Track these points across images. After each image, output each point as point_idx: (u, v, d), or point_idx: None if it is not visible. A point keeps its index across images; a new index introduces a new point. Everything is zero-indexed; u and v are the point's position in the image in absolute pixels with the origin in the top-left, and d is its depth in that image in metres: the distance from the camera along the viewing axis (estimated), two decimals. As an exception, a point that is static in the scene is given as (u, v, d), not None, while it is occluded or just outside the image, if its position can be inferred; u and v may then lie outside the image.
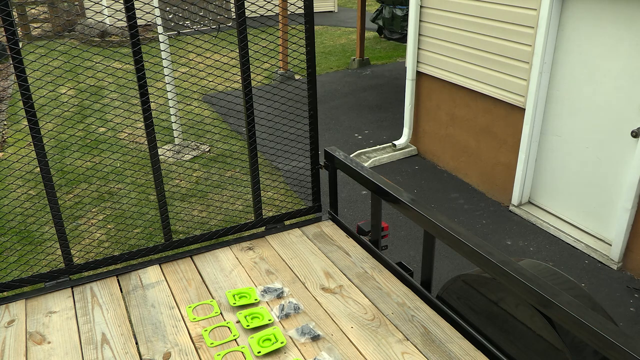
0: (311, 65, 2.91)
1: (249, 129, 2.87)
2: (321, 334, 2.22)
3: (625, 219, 3.80)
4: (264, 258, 2.79)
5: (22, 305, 2.45)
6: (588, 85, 3.99)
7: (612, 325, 1.73)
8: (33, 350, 2.18)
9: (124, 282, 2.61)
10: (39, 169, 2.44)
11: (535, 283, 1.88)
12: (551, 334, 1.94)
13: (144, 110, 2.59)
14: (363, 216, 4.64)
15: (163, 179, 2.78)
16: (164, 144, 6.09)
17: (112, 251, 3.90)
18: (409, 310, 2.38)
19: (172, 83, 5.65)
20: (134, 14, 2.40)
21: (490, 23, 4.57)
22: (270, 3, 2.88)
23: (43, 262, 3.57)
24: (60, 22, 11.26)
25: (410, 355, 2.12)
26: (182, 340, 2.21)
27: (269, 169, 5.53)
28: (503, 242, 4.32)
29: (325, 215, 3.20)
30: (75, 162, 5.33)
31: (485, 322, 2.23)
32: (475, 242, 2.13)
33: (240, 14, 2.64)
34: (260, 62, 2.98)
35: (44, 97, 3.31)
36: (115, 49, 9.95)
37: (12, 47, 2.20)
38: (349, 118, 7.23)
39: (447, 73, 5.26)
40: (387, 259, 2.71)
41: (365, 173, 2.79)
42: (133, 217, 4.42)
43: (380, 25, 10.08)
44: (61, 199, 4.70)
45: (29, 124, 2.35)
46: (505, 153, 4.81)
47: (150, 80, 2.61)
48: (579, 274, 3.88)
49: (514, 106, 4.57)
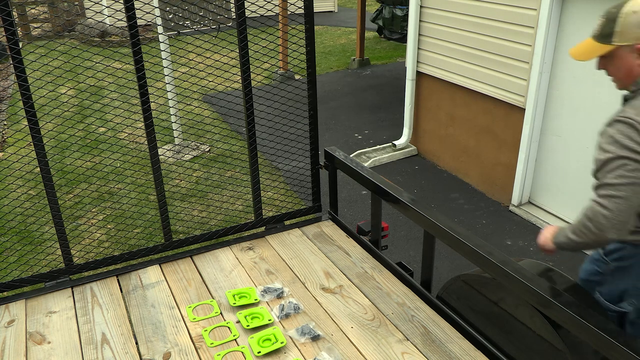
0: (311, 65, 2.91)
1: (249, 129, 2.87)
2: (321, 334, 2.22)
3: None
4: (264, 258, 2.79)
5: (22, 305, 2.45)
6: (588, 85, 3.99)
7: (612, 325, 1.74)
8: (33, 350, 2.18)
9: (124, 282, 2.61)
10: (39, 169, 2.44)
11: (535, 283, 1.88)
12: (551, 334, 1.94)
13: (144, 110, 2.59)
14: (363, 216, 4.64)
15: (163, 179, 2.78)
16: (164, 144, 6.09)
17: (112, 251, 3.89)
18: (409, 310, 2.38)
19: (172, 83, 5.65)
20: (134, 14, 2.40)
21: (490, 23, 4.57)
22: (270, 3, 2.88)
23: (43, 262, 3.56)
24: (60, 22, 11.26)
25: (410, 355, 2.12)
26: (182, 340, 2.21)
27: (269, 169, 5.53)
28: (503, 242, 4.31)
29: (325, 215, 3.20)
30: (75, 162, 5.33)
31: (485, 322, 2.23)
32: (475, 242, 2.13)
33: (240, 14, 2.63)
34: (260, 62, 2.98)
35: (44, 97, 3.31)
36: (115, 49, 9.95)
37: (12, 47, 2.20)
38: (349, 118, 7.23)
39: (447, 73, 5.26)
40: (387, 259, 2.71)
41: (365, 173, 2.78)
42: (133, 217, 4.42)
43: (380, 25, 10.07)
44: (61, 199, 4.69)
45: (29, 124, 2.35)
46: (505, 153, 4.81)
47: (150, 80, 2.61)
48: (578, 273, 3.87)
49: (514, 106, 4.57)
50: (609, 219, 1.80)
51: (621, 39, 1.84)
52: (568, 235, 1.99)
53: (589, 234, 1.87)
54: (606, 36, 1.87)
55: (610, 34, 1.85)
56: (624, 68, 1.90)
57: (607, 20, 1.87)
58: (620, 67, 1.90)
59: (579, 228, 1.92)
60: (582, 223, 1.89)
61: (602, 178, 1.85)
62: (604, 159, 1.85)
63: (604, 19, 1.88)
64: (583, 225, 1.89)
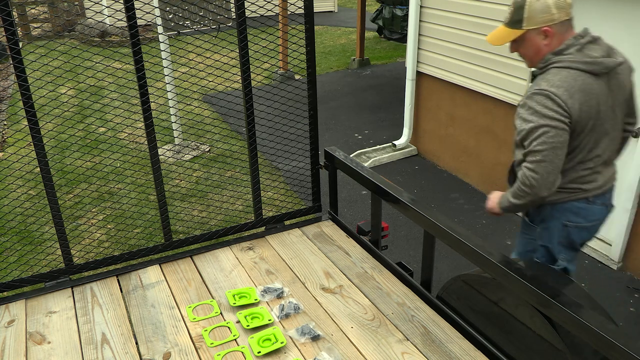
0: (311, 65, 2.91)
1: (249, 129, 2.87)
2: (321, 334, 2.22)
3: (625, 219, 3.80)
4: (264, 258, 2.79)
5: (22, 305, 2.45)
6: (588, 85, 3.99)
7: (612, 325, 1.74)
8: (33, 350, 2.18)
9: (124, 282, 2.61)
10: (39, 169, 2.44)
11: (535, 283, 1.88)
12: (551, 334, 1.94)
13: (144, 110, 2.59)
14: (363, 216, 4.64)
15: (163, 179, 2.78)
16: (164, 144, 6.09)
17: (112, 251, 3.89)
18: (409, 310, 2.38)
19: (172, 83, 5.65)
20: (134, 14, 2.40)
21: (490, 23, 4.57)
22: (270, 3, 2.88)
23: (43, 262, 3.56)
24: (60, 22, 11.26)
25: (410, 355, 2.12)
26: (182, 340, 2.21)
27: (269, 169, 5.53)
28: (503, 242, 4.31)
29: (325, 215, 3.20)
30: (75, 162, 5.33)
31: (485, 322, 2.23)
32: (475, 242, 2.13)
33: (240, 14, 2.63)
34: (260, 62, 2.98)
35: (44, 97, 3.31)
36: (115, 49, 9.95)
37: (12, 47, 2.20)
38: (349, 118, 7.23)
39: (447, 73, 5.26)
40: (387, 259, 2.71)
41: (365, 173, 2.78)
42: (133, 217, 4.42)
43: (380, 25, 10.07)
44: (61, 199, 4.69)
45: (29, 124, 2.35)
46: (506, 153, 4.81)
47: (150, 80, 2.61)
48: (578, 274, 3.88)
49: (514, 106, 4.57)
50: (540, 181, 2.13)
51: (529, 23, 2.13)
52: (510, 199, 2.30)
53: (526, 196, 2.20)
54: (516, 22, 2.15)
55: (520, 20, 2.13)
56: (533, 49, 2.20)
57: (516, 9, 2.14)
58: (530, 48, 2.20)
59: (517, 192, 2.24)
60: (520, 188, 2.21)
61: (529, 146, 2.14)
62: (528, 129, 2.13)
63: (513, 8, 2.15)
64: (520, 189, 2.21)
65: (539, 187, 2.14)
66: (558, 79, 2.12)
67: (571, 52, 2.16)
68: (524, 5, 2.12)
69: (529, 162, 2.15)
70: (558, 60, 2.16)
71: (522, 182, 2.19)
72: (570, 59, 2.14)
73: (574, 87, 2.11)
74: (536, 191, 2.15)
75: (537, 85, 2.15)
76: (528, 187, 2.17)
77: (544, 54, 2.20)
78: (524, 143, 2.17)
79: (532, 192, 2.17)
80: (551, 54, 2.18)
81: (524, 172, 2.18)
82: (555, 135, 2.09)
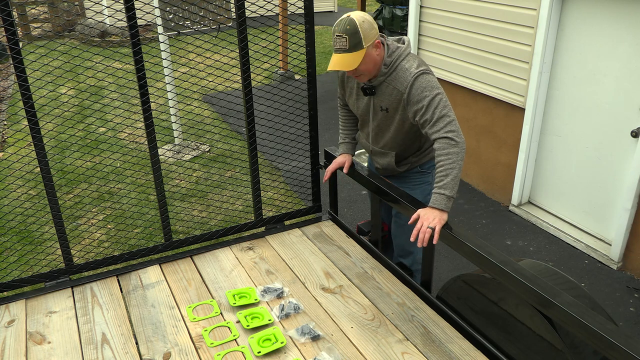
0: (311, 65, 2.91)
1: (249, 129, 2.87)
2: (321, 334, 2.22)
3: (625, 219, 3.80)
4: (264, 258, 2.79)
5: (22, 305, 2.45)
6: (588, 85, 3.99)
7: (612, 325, 1.74)
8: (33, 350, 2.18)
9: (124, 282, 2.61)
10: (39, 169, 2.45)
11: (535, 283, 1.88)
12: (551, 334, 1.94)
13: (144, 110, 2.59)
14: (363, 216, 4.64)
15: (163, 179, 2.78)
16: (164, 144, 6.09)
17: (112, 251, 3.90)
18: (409, 310, 2.38)
19: (172, 83, 5.65)
20: (134, 14, 2.40)
21: (490, 23, 4.57)
22: (270, 3, 2.89)
23: (43, 262, 3.57)
24: (60, 22, 11.26)
25: (410, 355, 2.12)
26: (182, 340, 2.21)
27: (269, 169, 5.53)
28: (503, 242, 4.32)
29: (325, 215, 3.20)
30: (75, 162, 5.33)
31: (485, 322, 2.23)
32: (475, 242, 2.13)
33: (240, 14, 2.64)
34: (260, 62, 2.98)
35: (44, 97, 3.31)
36: (115, 49, 9.94)
37: (12, 47, 2.20)
38: (349, 118, 7.22)
39: (447, 73, 5.25)
40: (387, 259, 2.71)
41: (365, 173, 2.79)
42: (133, 217, 4.42)
43: (380, 25, 10.06)
44: (61, 199, 4.70)
45: (29, 124, 2.36)
46: (505, 153, 4.81)
47: (150, 80, 2.61)
48: (578, 273, 3.88)
49: (514, 106, 4.57)
50: (462, 139, 2.34)
51: (367, 41, 2.36)
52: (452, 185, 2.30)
53: (461, 163, 2.32)
54: (356, 45, 2.35)
55: (359, 42, 2.34)
56: (372, 62, 2.43)
57: (351, 35, 2.33)
58: (369, 63, 2.42)
59: (456, 168, 2.30)
60: (456, 162, 2.30)
61: (438, 112, 2.35)
62: (431, 97, 2.37)
63: (348, 36, 2.33)
64: (456, 163, 2.30)
65: (464, 147, 2.34)
66: (417, 61, 2.49)
67: (398, 45, 2.53)
68: (357, 29, 2.33)
69: (446, 131, 2.33)
70: (400, 54, 2.49)
71: (456, 153, 2.30)
72: (405, 49, 2.52)
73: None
74: (463, 146, 2.33)
75: (411, 69, 2.44)
76: (463, 152, 2.32)
77: (380, 62, 2.47)
78: (434, 112, 2.36)
79: (464, 154, 2.33)
80: (387, 56, 2.48)
81: (450, 142, 2.31)
82: (447, 100, 2.41)
